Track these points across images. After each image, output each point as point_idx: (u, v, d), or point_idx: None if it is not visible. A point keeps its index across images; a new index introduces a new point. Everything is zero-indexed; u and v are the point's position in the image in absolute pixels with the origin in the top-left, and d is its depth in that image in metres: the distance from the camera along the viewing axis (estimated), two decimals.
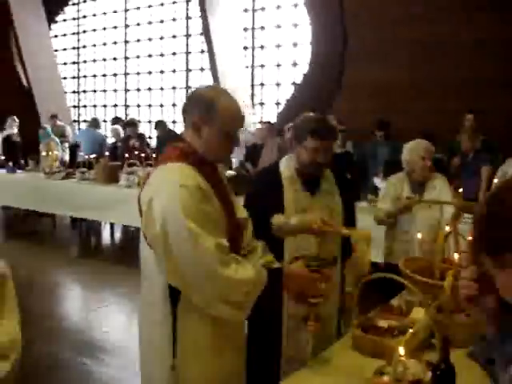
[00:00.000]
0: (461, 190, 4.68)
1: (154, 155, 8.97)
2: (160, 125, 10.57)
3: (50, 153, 9.98)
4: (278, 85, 12.64)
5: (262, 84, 12.85)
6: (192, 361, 2.28)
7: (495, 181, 5.41)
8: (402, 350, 1.61)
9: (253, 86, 12.76)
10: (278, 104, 12.50)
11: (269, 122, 9.60)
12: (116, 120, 12.10)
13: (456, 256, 2.76)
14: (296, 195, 2.95)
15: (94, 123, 11.82)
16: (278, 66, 12.59)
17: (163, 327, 2.27)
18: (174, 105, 14.20)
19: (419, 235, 3.42)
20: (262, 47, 12.78)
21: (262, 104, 12.88)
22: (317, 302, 2.34)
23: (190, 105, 2.33)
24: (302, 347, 2.66)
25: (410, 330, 1.97)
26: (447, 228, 3.12)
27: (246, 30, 12.83)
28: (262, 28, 12.70)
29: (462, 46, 8.79)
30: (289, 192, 2.95)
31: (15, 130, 12.37)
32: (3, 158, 11.46)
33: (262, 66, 12.81)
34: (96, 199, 8.21)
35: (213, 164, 2.35)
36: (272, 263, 2.40)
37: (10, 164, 10.31)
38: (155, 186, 2.23)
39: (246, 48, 12.88)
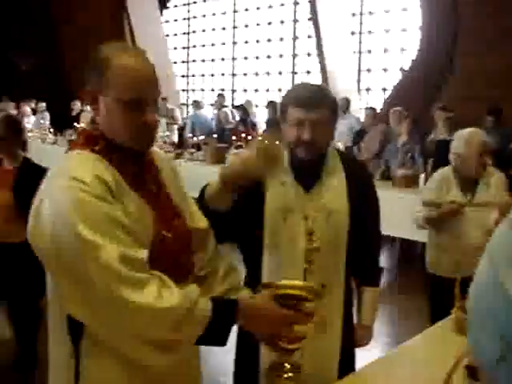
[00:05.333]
0: None
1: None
2: (271, 105, 10.81)
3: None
4: (385, 70, 12.49)
5: (368, 70, 12.75)
6: None
7: None
8: None
9: (359, 71, 12.67)
10: (384, 90, 12.36)
11: (372, 108, 9.57)
12: (196, 104, 12.68)
13: None
14: (282, 190, 2.15)
15: (197, 105, 12.54)
16: (386, 51, 12.43)
17: (63, 371, 1.66)
18: (279, 90, 14.36)
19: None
20: (369, 32, 12.66)
21: (368, 90, 12.78)
22: (293, 348, 1.70)
23: (87, 70, 1.64)
24: None
25: None
26: None
27: (353, 15, 12.72)
28: (371, 13, 12.53)
29: None
30: (272, 186, 2.15)
31: None
32: None
33: (369, 51, 12.69)
34: (203, 179, 8.48)
35: (136, 151, 1.67)
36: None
37: None
38: (46, 182, 1.61)
39: (353, 33, 12.79)
